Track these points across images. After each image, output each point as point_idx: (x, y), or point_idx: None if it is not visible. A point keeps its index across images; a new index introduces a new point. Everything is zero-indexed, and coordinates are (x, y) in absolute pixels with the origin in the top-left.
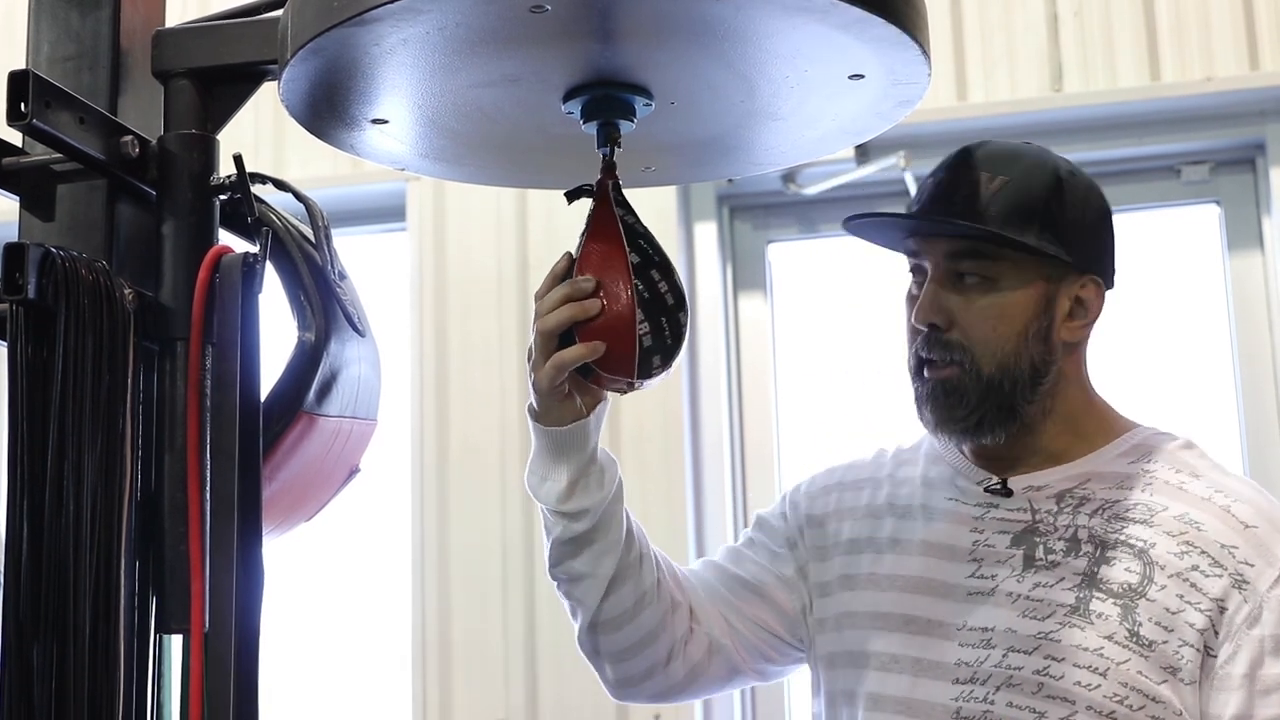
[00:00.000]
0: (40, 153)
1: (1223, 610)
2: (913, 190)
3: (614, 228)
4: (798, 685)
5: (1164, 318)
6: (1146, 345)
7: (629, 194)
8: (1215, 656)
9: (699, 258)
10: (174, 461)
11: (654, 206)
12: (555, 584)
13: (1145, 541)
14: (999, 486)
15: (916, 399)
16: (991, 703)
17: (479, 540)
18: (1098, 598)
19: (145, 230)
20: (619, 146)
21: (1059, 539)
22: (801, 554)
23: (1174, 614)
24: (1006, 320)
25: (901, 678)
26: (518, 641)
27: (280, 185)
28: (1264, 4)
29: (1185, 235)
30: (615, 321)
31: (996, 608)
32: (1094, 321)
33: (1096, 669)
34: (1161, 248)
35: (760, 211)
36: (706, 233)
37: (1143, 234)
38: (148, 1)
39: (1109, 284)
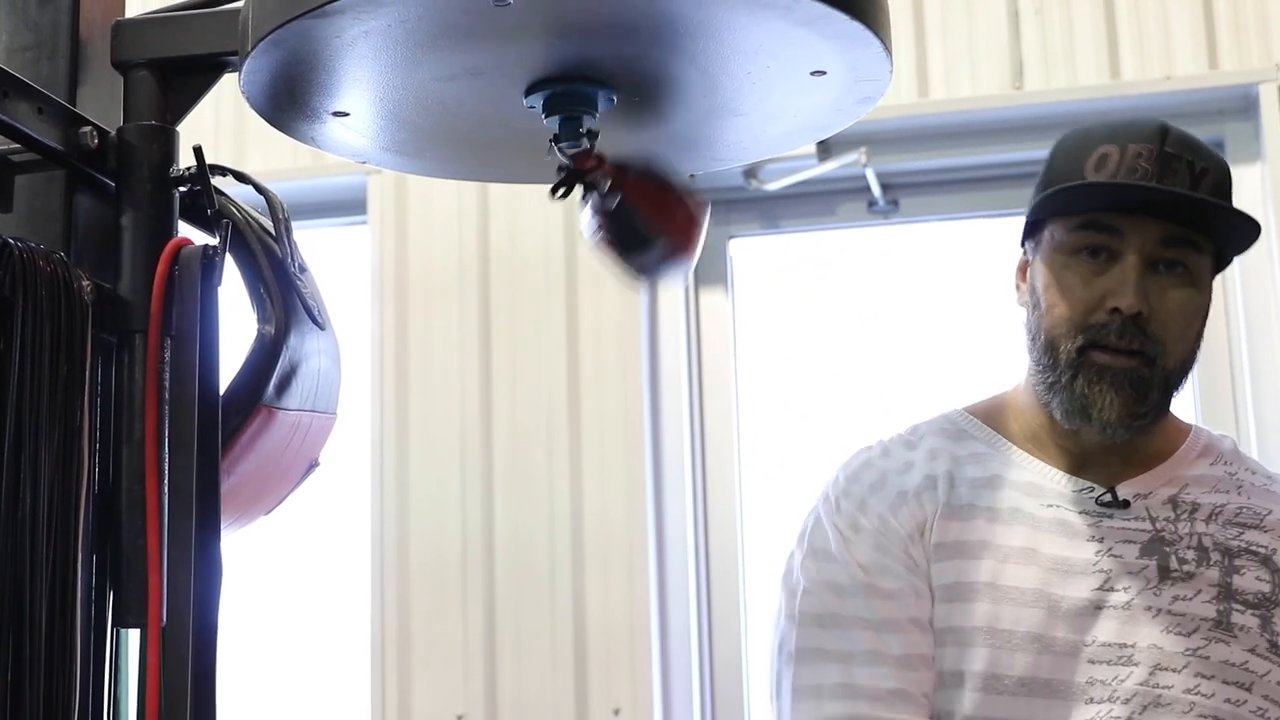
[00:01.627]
0: None
1: None
2: (875, 188)
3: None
4: (756, 680)
5: None
6: None
7: None
8: None
9: None
10: (132, 454)
11: None
12: None
13: (1267, 548)
14: (1110, 498)
15: (1084, 385)
16: None
17: (438, 535)
18: (1236, 609)
19: (104, 222)
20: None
21: (1187, 548)
22: (921, 572)
23: None
24: (1197, 319)
25: (1029, 700)
26: (477, 637)
27: (240, 177)
28: (1223, 4)
29: None
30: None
31: (1136, 625)
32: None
33: (1242, 684)
34: None
35: (722, 207)
36: None
37: None
38: None
39: None
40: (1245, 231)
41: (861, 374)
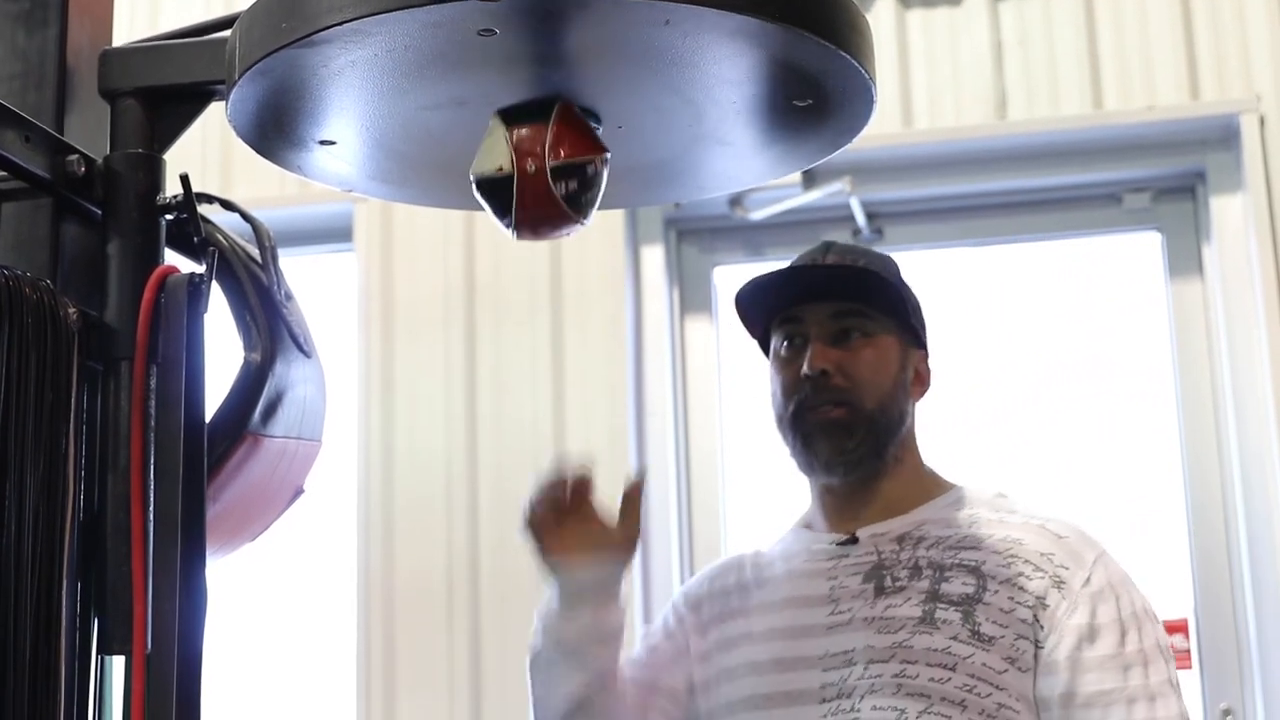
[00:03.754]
0: None
1: (1045, 606)
2: (859, 217)
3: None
4: None
5: (1106, 343)
6: (1088, 370)
7: None
8: (1043, 647)
9: (646, 281)
10: (117, 482)
11: (601, 230)
12: None
13: (977, 560)
14: (847, 539)
15: (801, 441)
16: (858, 711)
17: (424, 562)
18: (940, 607)
19: (90, 249)
20: None
21: (903, 569)
22: (680, 639)
23: (1007, 613)
24: (884, 367)
25: (773, 712)
26: (462, 662)
27: (227, 205)
28: (1204, 35)
29: (1127, 262)
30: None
31: (854, 632)
32: (927, 391)
33: (945, 665)
34: (1103, 274)
35: (707, 235)
36: (654, 256)
37: (1084, 261)
38: (95, 20)
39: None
40: (892, 297)
41: None
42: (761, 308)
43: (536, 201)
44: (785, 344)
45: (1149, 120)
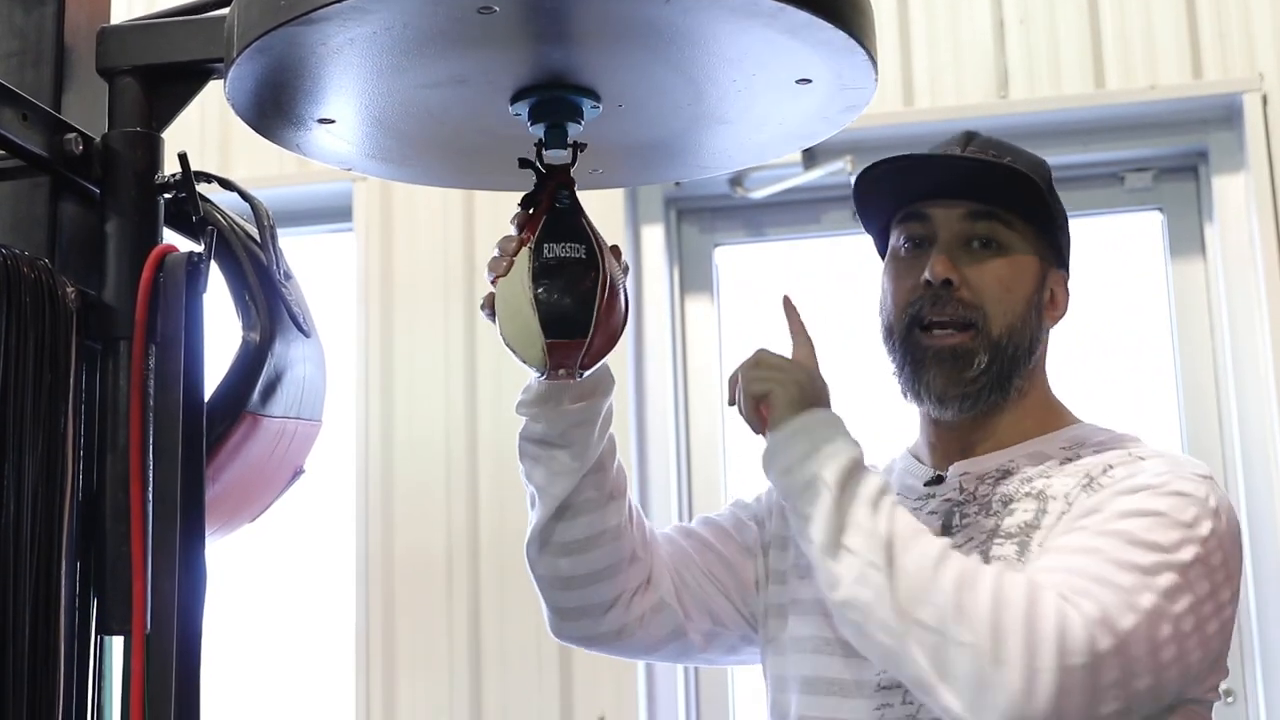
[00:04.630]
0: None
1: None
2: None
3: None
4: (741, 688)
5: (1107, 322)
6: (1090, 349)
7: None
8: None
9: (646, 260)
10: (116, 462)
11: (601, 209)
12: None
13: (1045, 485)
14: (933, 478)
15: (912, 367)
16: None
17: (424, 542)
18: (997, 543)
19: (89, 228)
20: (579, 149)
21: (975, 505)
22: (766, 534)
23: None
24: (1018, 285)
25: (833, 659)
26: (461, 644)
27: (226, 184)
28: (1207, 14)
29: (1128, 241)
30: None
31: None
32: (1063, 317)
33: None
34: (1105, 253)
35: (707, 215)
36: (654, 235)
37: (1086, 240)
38: None
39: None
40: (1038, 204)
41: (846, 382)
42: (885, 199)
43: (564, 379)
44: (907, 244)
45: (1151, 100)
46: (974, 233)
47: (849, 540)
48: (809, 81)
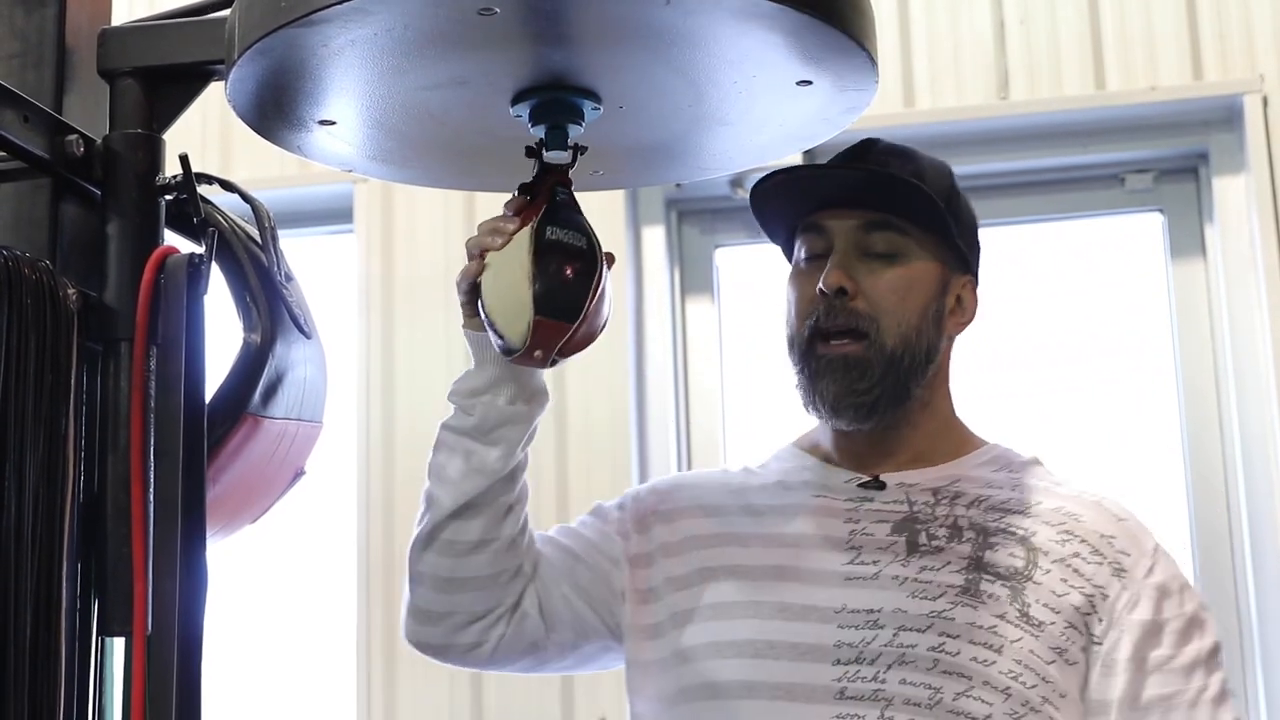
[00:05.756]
0: None
1: (1105, 597)
2: None
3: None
4: None
5: (1107, 324)
6: (1090, 351)
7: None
8: (1100, 643)
9: (647, 261)
10: (117, 463)
11: (602, 210)
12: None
13: (1027, 530)
14: (871, 481)
15: (809, 375)
16: (883, 681)
17: None
18: (986, 579)
19: (90, 230)
20: (579, 152)
21: (940, 526)
22: (633, 546)
23: (1059, 597)
24: (913, 293)
25: (779, 663)
26: None
27: (227, 186)
28: (1207, 16)
29: (1129, 243)
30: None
31: (882, 590)
32: (969, 323)
33: (991, 645)
34: (1105, 255)
35: (708, 216)
36: (654, 237)
37: (1087, 241)
38: None
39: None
40: (934, 211)
41: None
42: (784, 210)
43: (534, 363)
44: (806, 256)
45: (1151, 101)
46: (869, 242)
47: None
48: (809, 83)
